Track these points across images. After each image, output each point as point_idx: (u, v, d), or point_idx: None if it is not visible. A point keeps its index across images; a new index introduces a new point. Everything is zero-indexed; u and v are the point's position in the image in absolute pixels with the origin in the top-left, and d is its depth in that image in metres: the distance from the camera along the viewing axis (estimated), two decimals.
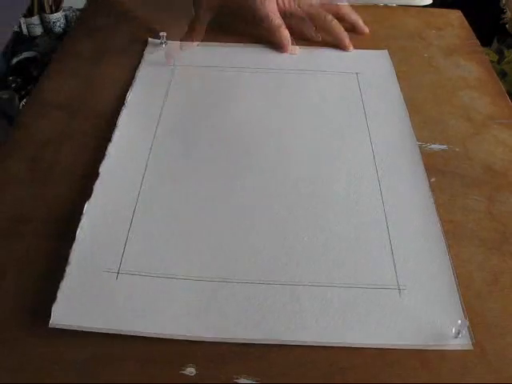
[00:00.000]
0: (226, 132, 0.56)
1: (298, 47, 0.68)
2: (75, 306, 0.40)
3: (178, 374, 0.37)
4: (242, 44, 0.68)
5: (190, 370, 0.38)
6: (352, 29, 0.72)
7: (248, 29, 0.71)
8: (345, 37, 0.68)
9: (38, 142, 0.54)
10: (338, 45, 0.69)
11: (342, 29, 0.69)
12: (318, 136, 0.56)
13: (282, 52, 0.67)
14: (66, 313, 0.40)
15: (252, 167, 0.52)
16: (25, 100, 1.29)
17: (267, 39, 0.68)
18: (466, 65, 0.67)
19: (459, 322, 0.39)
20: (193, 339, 0.39)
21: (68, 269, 0.43)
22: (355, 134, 0.56)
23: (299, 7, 0.69)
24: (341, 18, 0.70)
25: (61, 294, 0.41)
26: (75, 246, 0.44)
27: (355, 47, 0.69)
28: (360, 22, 0.72)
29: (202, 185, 0.50)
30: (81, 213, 0.47)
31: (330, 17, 0.69)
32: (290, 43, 0.67)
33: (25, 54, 1.39)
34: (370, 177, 0.51)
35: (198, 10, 0.68)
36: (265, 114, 0.59)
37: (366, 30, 0.72)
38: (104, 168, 0.51)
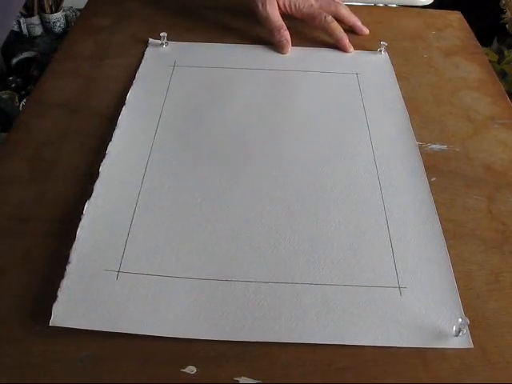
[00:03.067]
0: (225, 132, 0.56)
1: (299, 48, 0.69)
2: (76, 306, 0.40)
3: (178, 372, 0.37)
4: (242, 44, 0.68)
5: (191, 369, 0.38)
6: (351, 30, 0.72)
7: (248, 28, 0.71)
8: (344, 38, 0.69)
9: (38, 142, 0.54)
10: (337, 46, 0.69)
11: (342, 30, 0.69)
12: (318, 136, 0.56)
13: (281, 53, 0.68)
14: (66, 312, 0.40)
15: (251, 167, 0.52)
16: (25, 100, 1.29)
17: (268, 39, 0.69)
18: (465, 65, 0.67)
19: (459, 321, 0.39)
20: (193, 337, 0.39)
21: (69, 268, 0.43)
22: (355, 134, 0.56)
23: (299, 8, 0.69)
24: (340, 20, 0.71)
25: (61, 294, 0.41)
26: (76, 245, 0.44)
27: (355, 48, 0.69)
28: (359, 24, 0.72)
29: (202, 184, 0.50)
30: (81, 212, 0.47)
31: (329, 18, 0.69)
32: (290, 45, 0.68)
33: (25, 54, 1.38)
34: (370, 177, 0.51)
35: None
36: (264, 114, 0.59)
37: (366, 31, 0.72)
38: (104, 168, 0.51)
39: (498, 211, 0.49)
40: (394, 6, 0.85)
